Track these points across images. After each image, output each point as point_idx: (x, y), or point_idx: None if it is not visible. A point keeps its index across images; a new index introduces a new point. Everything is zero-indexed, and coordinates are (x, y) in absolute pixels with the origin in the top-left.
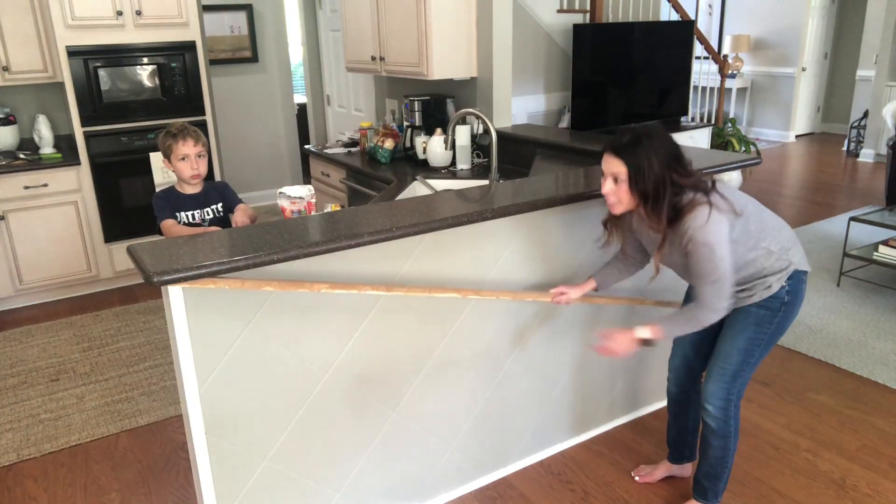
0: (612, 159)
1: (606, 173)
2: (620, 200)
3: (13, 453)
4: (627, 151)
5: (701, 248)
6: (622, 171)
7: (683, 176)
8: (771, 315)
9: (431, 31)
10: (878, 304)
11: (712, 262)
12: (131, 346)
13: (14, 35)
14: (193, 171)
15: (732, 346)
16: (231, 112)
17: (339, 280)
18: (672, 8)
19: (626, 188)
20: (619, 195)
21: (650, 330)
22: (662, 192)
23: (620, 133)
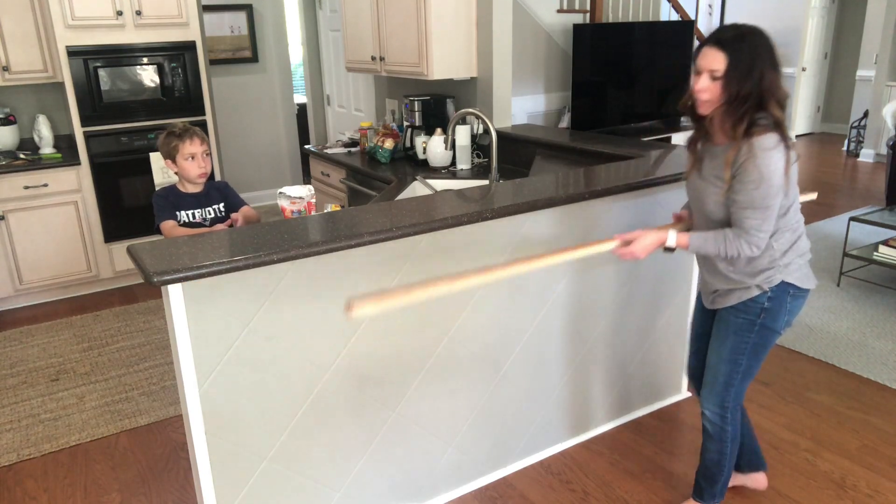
0: (713, 52)
1: (703, 69)
2: (713, 98)
3: (13, 453)
4: (731, 45)
5: (757, 170)
6: (721, 67)
7: (776, 88)
8: (749, 323)
9: (431, 31)
10: (878, 304)
11: (765, 189)
12: (131, 346)
13: (14, 35)
14: (201, 170)
15: (718, 355)
16: (231, 112)
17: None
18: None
19: (721, 85)
20: (714, 92)
21: (678, 238)
22: (754, 96)
23: (721, 28)
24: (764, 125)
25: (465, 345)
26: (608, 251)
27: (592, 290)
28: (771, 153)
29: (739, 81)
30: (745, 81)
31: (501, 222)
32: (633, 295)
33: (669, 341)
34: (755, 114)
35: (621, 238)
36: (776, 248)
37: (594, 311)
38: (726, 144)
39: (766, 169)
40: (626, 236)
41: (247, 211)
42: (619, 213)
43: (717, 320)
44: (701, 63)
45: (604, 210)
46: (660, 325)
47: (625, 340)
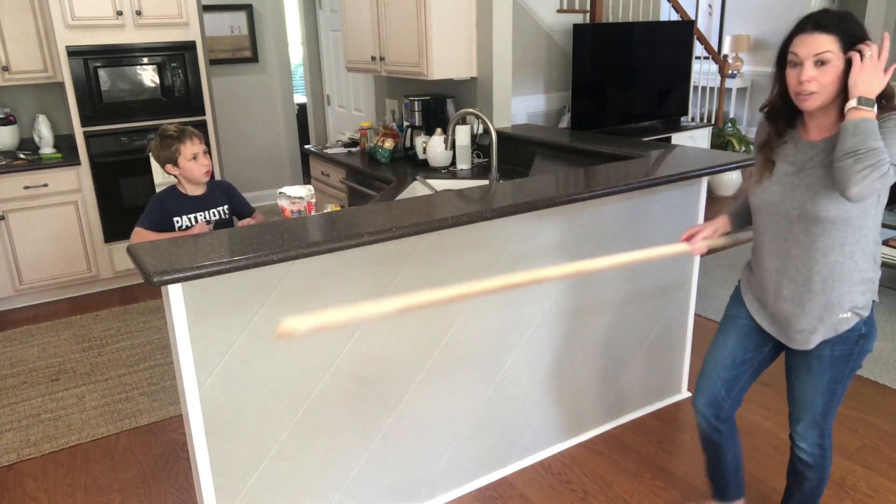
0: (815, 36)
1: (805, 57)
2: (822, 87)
3: (13, 453)
4: (836, 27)
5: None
6: (831, 49)
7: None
8: (846, 354)
9: (431, 31)
10: (879, 304)
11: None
12: (131, 346)
13: (14, 35)
14: (206, 168)
15: (814, 389)
16: (231, 112)
17: (340, 280)
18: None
19: (833, 71)
20: (823, 80)
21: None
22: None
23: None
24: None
25: (466, 345)
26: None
27: (592, 290)
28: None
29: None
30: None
31: (501, 222)
32: (634, 294)
33: (669, 341)
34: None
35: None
36: (872, 269)
37: (594, 310)
38: (828, 137)
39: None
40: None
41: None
42: (619, 213)
43: (807, 354)
44: (801, 51)
45: (604, 210)
46: (660, 324)
47: (625, 340)
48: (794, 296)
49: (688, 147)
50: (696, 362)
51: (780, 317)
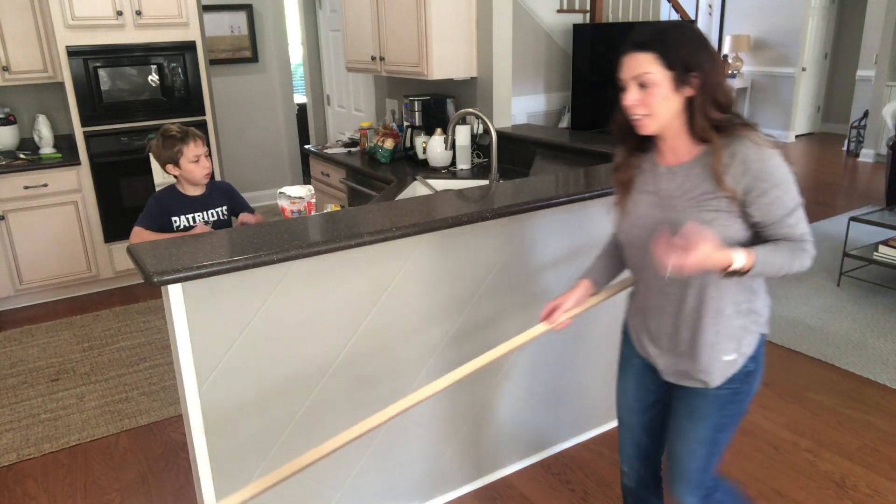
0: (635, 56)
1: (628, 79)
2: (652, 111)
3: (13, 453)
4: (654, 40)
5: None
6: (651, 68)
7: (722, 86)
8: (733, 393)
9: (431, 31)
10: (878, 304)
11: (791, 184)
12: (131, 346)
13: (14, 35)
14: (207, 170)
15: (694, 439)
16: (231, 112)
17: (340, 280)
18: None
19: (660, 91)
20: (649, 102)
21: (746, 256)
22: (705, 93)
23: (636, 31)
24: (742, 122)
25: (466, 345)
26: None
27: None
28: (770, 149)
29: (680, 79)
30: (685, 79)
31: (501, 222)
32: None
33: None
34: (716, 112)
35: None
36: (761, 304)
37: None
38: (694, 159)
39: (780, 164)
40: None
41: (247, 219)
42: None
43: (687, 393)
44: (623, 73)
45: (603, 210)
46: None
47: None
48: (672, 335)
49: None
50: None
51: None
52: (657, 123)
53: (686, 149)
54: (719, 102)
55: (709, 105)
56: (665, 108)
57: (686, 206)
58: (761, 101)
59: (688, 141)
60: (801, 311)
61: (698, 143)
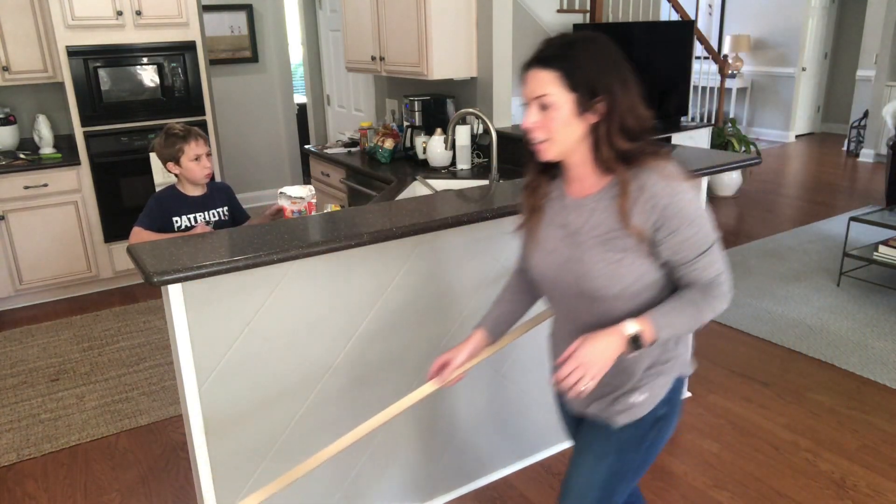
0: (536, 74)
1: (527, 99)
2: (552, 136)
3: (13, 453)
4: (558, 56)
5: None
6: (552, 89)
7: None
8: (639, 438)
9: (431, 31)
10: (878, 304)
11: (703, 221)
12: (131, 346)
13: (14, 35)
14: (207, 171)
15: (589, 478)
16: (231, 112)
17: (340, 280)
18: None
19: (561, 115)
20: (549, 126)
21: (644, 329)
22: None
23: (543, 43)
24: (653, 151)
25: None
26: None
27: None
28: (682, 182)
29: (584, 103)
30: (590, 103)
31: (501, 222)
32: None
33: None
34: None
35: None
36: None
37: None
38: (601, 191)
39: (692, 200)
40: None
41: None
42: None
43: (591, 426)
44: (524, 91)
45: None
46: None
47: None
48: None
49: (688, 147)
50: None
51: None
52: (557, 149)
53: (592, 179)
54: (629, 130)
55: (616, 134)
56: (566, 134)
57: (592, 244)
58: (761, 101)
59: (594, 171)
60: (801, 311)
61: (605, 173)
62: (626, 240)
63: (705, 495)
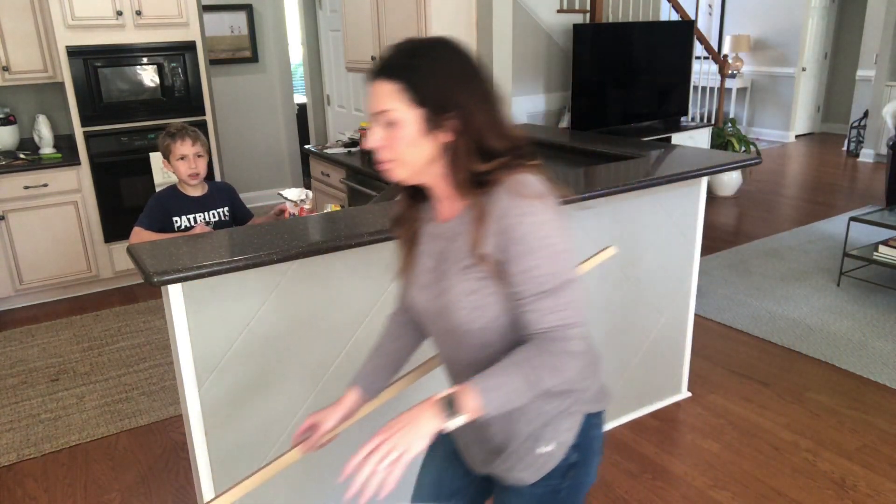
0: (379, 86)
1: (373, 114)
2: (398, 156)
3: (13, 453)
4: (402, 67)
5: (530, 228)
6: (395, 104)
7: (493, 119)
8: (552, 492)
9: (431, 31)
10: (878, 304)
11: (551, 254)
12: (131, 346)
13: (14, 35)
14: (191, 171)
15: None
16: (231, 112)
17: (340, 280)
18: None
19: (406, 133)
20: (394, 145)
21: (461, 392)
22: (468, 132)
23: (387, 50)
24: (515, 164)
25: None
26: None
27: (591, 290)
28: (535, 202)
29: (433, 120)
30: (440, 120)
31: None
32: (633, 294)
33: (669, 341)
34: (479, 162)
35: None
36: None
37: (593, 310)
38: (460, 214)
39: (543, 224)
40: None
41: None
42: (619, 213)
43: (502, 491)
44: (369, 107)
45: (603, 210)
46: (659, 324)
47: (624, 340)
48: (476, 426)
49: (688, 147)
50: (696, 362)
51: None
52: (407, 171)
53: (455, 202)
54: (486, 150)
55: (470, 155)
56: (414, 154)
57: (455, 273)
58: (761, 102)
59: (454, 193)
60: (801, 311)
61: (464, 196)
62: (483, 268)
63: (705, 495)
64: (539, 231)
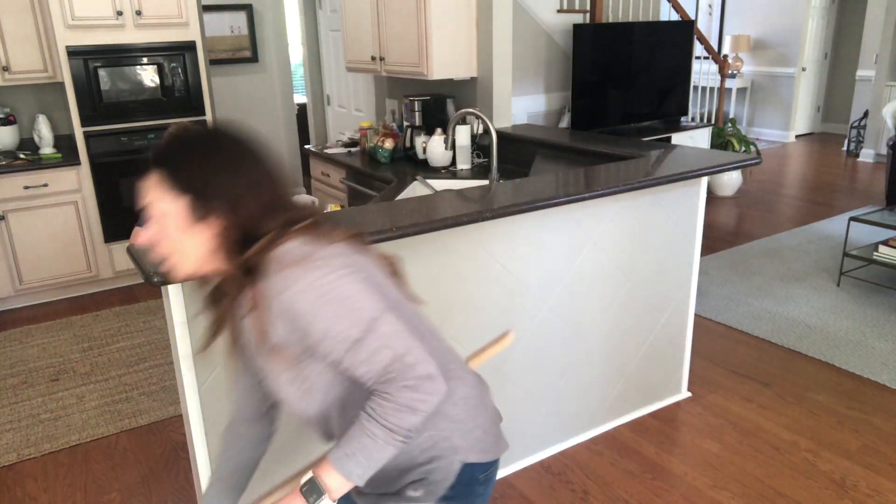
0: (147, 177)
1: (143, 206)
2: (171, 251)
3: (13, 453)
4: (163, 154)
5: (306, 299)
6: (156, 194)
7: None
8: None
9: (431, 31)
10: (878, 304)
11: (343, 305)
12: (131, 346)
13: (14, 35)
14: None
15: None
16: (231, 112)
17: None
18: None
19: (173, 225)
20: (164, 239)
21: (323, 474)
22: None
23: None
24: (282, 237)
25: (465, 345)
26: None
27: (591, 290)
28: (298, 269)
29: (198, 208)
30: (206, 209)
31: (501, 222)
32: (633, 294)
33: (669, 341)
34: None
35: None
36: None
37: (593, 310)
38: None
39: (313, 285)
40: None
41: None
42: (619, 213)
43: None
44: (144, 200)
45: (603, 210)
46: (659, 324)
47: (624, 340)
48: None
49: (688, 147)
50: (696, 362)
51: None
52: (188, 265)
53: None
54: (259, 234)
55: (241, 242)
56: (188, 247)
57: (268, 368)
58: (761, 102)
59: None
60: (801, 311)
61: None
62: (286, 350)
63: (705, 495)
64: (313, 295)
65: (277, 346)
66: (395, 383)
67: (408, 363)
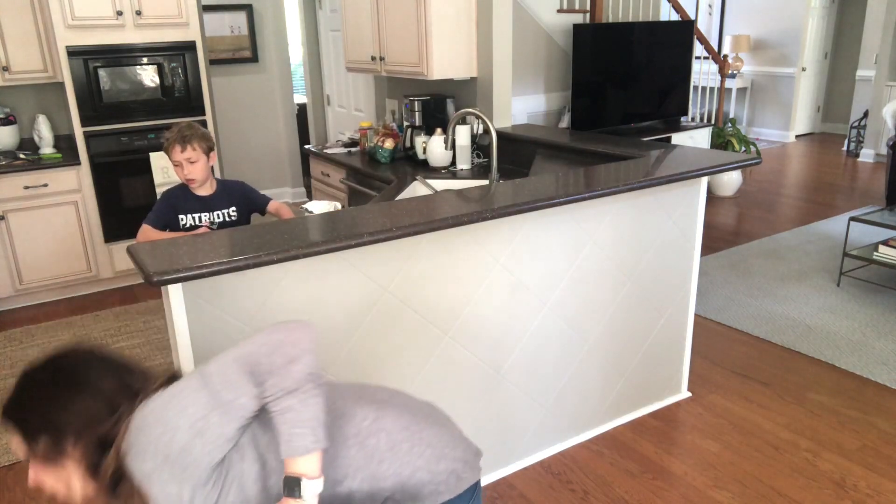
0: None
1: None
2: (64, 494)
3: (13, 453)
4: (10, 411)
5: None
6: (21, 447)
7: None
8: None
9: (431, 31)
10: (878, 304)
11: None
12: (131, 346)
13: (14, 35)
14: (185, 177)
15: None
16: (231, 112)
17: (340, 280)
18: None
19: (54, 474)
20: (56, 487)
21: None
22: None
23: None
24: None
25: (465, 345)
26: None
27: (592, 290)
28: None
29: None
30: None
31: (501, 222)
32: (633, 294)
33: (669, 341)
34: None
35: None
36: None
37: (594, 310)
38: None
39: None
40: None
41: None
42: (619, 213)
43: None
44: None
45: (604, 210)
46: (659, 324)
47: (624, 340)
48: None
49: (688, 147)
50: (696, 362)
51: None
52: (79, 496)
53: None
54: (108, 442)
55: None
56: (72, 487)
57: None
58: (761, 102)
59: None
60: (801, 311)
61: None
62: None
63: (705, 495)
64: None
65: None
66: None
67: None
